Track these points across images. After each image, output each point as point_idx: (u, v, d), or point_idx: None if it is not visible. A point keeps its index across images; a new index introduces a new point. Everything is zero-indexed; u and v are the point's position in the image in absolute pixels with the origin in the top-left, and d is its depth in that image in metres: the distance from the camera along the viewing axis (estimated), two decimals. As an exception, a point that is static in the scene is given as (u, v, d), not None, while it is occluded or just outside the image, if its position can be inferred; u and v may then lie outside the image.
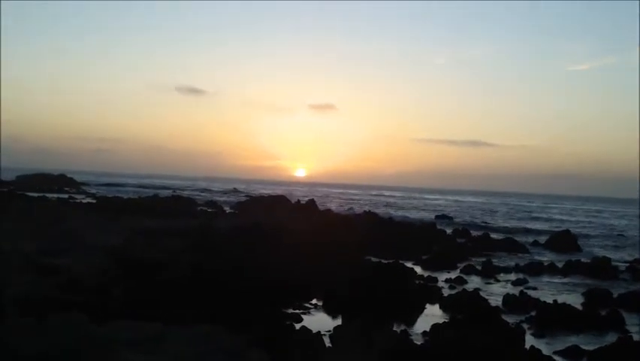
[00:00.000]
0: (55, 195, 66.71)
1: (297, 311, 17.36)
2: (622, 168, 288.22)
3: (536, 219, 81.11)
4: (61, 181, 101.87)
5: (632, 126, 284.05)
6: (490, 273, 27.99)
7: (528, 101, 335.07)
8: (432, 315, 18.32)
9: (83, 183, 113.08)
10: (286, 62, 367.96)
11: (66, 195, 70.71)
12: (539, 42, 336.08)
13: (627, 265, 32.87)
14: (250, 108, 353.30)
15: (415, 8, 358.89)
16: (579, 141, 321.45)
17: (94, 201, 59.90)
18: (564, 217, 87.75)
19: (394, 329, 15.04)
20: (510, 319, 16.96)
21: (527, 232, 56.73)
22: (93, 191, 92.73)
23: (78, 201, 60.36)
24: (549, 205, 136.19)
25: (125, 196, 70.33)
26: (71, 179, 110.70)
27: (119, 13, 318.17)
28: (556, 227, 59.39)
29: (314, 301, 18.91)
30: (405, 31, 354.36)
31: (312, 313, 17.73)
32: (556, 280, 27.55)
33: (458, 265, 30.03)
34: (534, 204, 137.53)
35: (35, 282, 15.13)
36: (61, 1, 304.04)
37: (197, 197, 77.68)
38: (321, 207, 64.75)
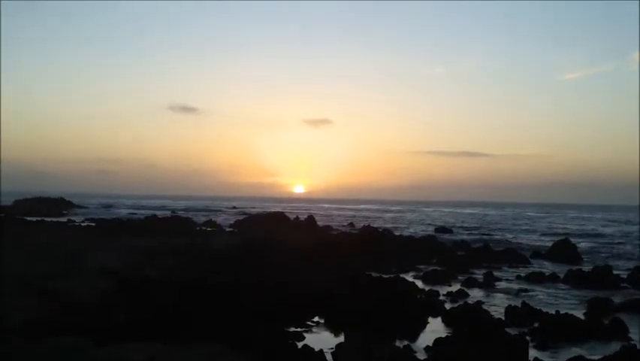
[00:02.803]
0: (54, 219, 66.61)
1: (299, 330, 17.26)
2: (619, 175, 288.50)
3: (535, 228, 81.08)
4: (59, 204, 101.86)
5: (628, 133, 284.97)
6: (491, 285, 27.93)
7: (522, 111, 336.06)
8: (434, 329, 18.21)
9: (81, 206, 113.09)
10: (280, 78, 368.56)
11: (64, 219, 70.63)
12: (532, 51, 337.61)
13: (628, 272, 32.78)
14: (245, 125, 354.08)
15: (409, 21, 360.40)
16: (574, 149, 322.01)
17: (92, 223, 59.82)
18: (563, 226, 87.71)
19: (397, 344, 14.98)
20: (513, 331, 16.86)
21: (527, 242, 56.67)
22: (91, 213, 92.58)
23: (77, 224, 60.25)
24: (547, 214, 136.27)
25: (124, 218, 70.26)
26: (69, 202, 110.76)
27: (110, 34, 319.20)
28: (556, 236, 59.29)
29: (315, 318, 18.80)
30: (398, 44, 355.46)
31: (314, 330, 17.63)
32: (558, 290, 27.47)
33: (459, 277, 29.96)
34: (532, 214, 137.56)
35: (36, 305, 15.06)
36: (55, 22, 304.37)
37: (195, 216, 77.57)
38: (320, 223, 64.74)
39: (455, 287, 26.79)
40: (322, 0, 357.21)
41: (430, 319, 19.56)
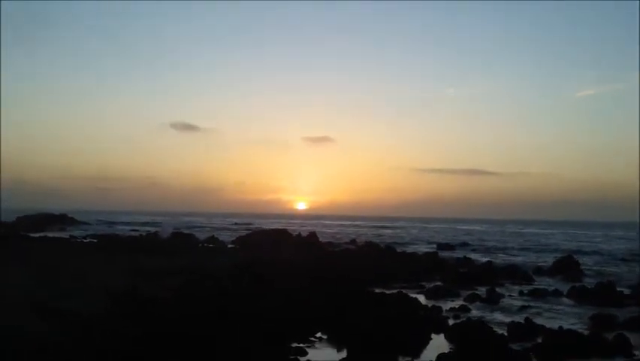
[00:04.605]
0: (57, 235, 66.72)
1: (302, 345, 17.24)
2: (625, 193, 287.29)
3: (539, 245, 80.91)
4: (61, 221, 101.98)
5: (634, 151, 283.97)
6: (494, 301, 27.86)
7: (529, 129, 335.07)
8: (437, 345, 18.17)
9: (84, 223, 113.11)
10: (281, 95, 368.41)
11: (67, 235, 70.72)
12: (540, 70, 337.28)
13: (632, 289, 32.69)
14: (247, 142, 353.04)
15: (414, 40, 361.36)
16: (581, 168, 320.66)
17: (95, 240, 59.87)
18: (566, 243, 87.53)
19: (400, 360, 14.95)
20: (516, 347, 16.82)
21: (530, 259, 56.57)
22: (93, 230, 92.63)
23: (79, 240, 60.30)
24: (551, 232, 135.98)
25: (126, 235, 70.35)
26: (72, 218, 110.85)
27: (113, 51, 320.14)
28: (559, 253, 59.19)
29: (318, 334, 18.79)
30: (403, 62, 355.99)
31: (317, 346, 17.60)
32: (561, 307, 27.41)
33: (462, 294, 29.89)
34: (536, 231, 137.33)
35: (44, 326, 15.04)
36: (57, 42, 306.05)
37: (197, 233, 77.54)
38: (322, 240, 64.69)
39: (458, 303, 26.75)
40: (324, 17, 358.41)
41: (433, 335, 19.52)
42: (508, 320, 22.31)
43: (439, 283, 33.23)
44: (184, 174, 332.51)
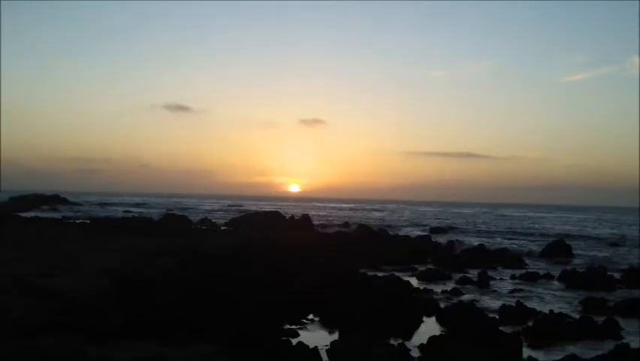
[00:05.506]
0: (49, 215, 66.58)
1: (294, 327, 17.33)
2: (619, 178, 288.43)
3: (531, 229, 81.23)
4: (54, 201, 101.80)
5: (628, 135, 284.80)
6: (485, 284, 28.03)
7: (521, 113, 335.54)
8: (429, 328, 18.29)
9: (76, 203, 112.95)
10: (274, 77, 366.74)
11: (59, 216, 70.56)
12: (532, 54, 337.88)
13: (622, 273, 32.90)
14: (239, 124, 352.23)
15: (407, 23, 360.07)
16: (574, 152, 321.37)
17: (87, 221, 59.75)
18: (558, 227, 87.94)
19: (391, 342, 15.05)
20: (507, 330, 16.93)
21: (522, 242, 56.84)
22: (86, 211, 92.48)
23: (71, 221, 60.14)
24: (543, 216, 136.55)
25: (119, 215, 70.25)
26: (64, 199, 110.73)
27: (105, 33, 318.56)
28: (551, 237, 59.48)
29: (310, 316, 18.87)
30: (396, 45, 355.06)
31: (309, 328, 17.69)
32: (552, 290, 27.60)
33: (454, 276, 30.05)
34: (528, 215, 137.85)
35: (32, 304, 15.02)
36: (49, 22, 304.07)
37: (190, 214, 77.52)
38: (315, 223, 64.84)
39: (450, 286, 26.90)
40: (317, 2, 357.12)
41: (424, 317, 19.64)
42: (499, 303, 22.45)
43: (430, 266, 33.39)
44: (176, 155, 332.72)
